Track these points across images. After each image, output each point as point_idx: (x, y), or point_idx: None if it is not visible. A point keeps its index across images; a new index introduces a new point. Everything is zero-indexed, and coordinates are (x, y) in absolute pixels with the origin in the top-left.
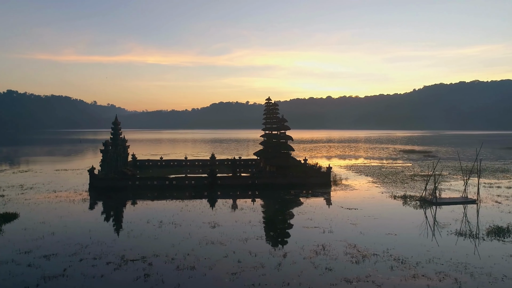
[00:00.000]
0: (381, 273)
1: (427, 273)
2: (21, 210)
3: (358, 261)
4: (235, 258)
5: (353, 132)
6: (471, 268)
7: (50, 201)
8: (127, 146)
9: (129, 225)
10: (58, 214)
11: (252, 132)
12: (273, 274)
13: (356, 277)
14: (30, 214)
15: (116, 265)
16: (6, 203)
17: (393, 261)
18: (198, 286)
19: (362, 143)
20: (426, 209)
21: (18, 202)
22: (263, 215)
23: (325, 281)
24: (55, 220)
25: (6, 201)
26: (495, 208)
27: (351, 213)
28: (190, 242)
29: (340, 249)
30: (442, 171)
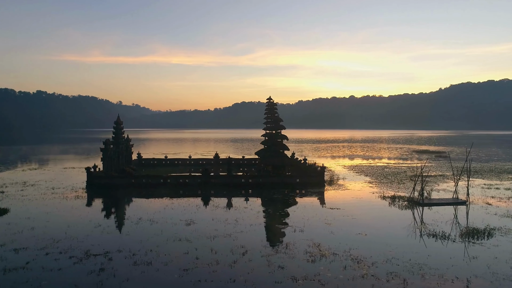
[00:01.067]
0: (331, 272)
1: (378, 273)
2: (14, 206)
3: (314, 260)
4: (194, 255)
5: (377, 132)
6: (425, 269)
7: (44, 198)
8: (130, 145)
9: (107, 221)
10: (46, 210)
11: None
12: (223, 271)
13: (304, 275)
14: (19, 210)
15: (77, 259)
16: (2, 199)
17: (349, 261)
18: (146, 280)
19: (378, 143)
20: (411, 209)
21: (14, 198)
22: (242, 214)
23: (272, 279)
24: (40, 216)
25: (4, 197)
26: (482, 209)
27: (331, 212)
28: (158, 239)
29: (302, 248)
30: (445, 171)
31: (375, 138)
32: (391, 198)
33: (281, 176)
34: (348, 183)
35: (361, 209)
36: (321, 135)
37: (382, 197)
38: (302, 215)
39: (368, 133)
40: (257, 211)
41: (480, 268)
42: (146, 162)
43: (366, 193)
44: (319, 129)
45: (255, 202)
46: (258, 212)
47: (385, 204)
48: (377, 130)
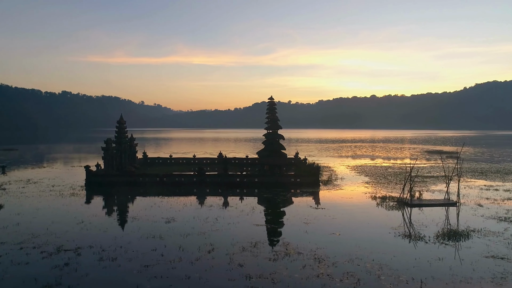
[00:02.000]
0: (288, 271)
1: (334, 273)
2: (9, 202)
3: (276, 259)
4: (161, 252)
5: (399, 132)
6: (385, 270)
7: (41, 195)
8: (135, 144)
9: (91, 218)
10: (38, 206)
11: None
12: (182, 268)
13: (259, 274)
14: (13, 206)
15: (47, 254)
16: (1, 196)
17: (311, 260)
18: (104, 275)
19: (392, 144)
20: (398, 210)
21: (12, 195)
22: (224, 212)
23: (226, 277)
24: (30, 212)
25: (3, 194)
26: (471, 211)
27: (314, 212)
28: (133, 236)
29: (270, 247)
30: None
31: (395, 138)
32: (381, 198)
33: (276, 175)
34: (344, 183)
35: (345, 209)
36: (340, 135)
37: (373, 197)
38: (284, 214)
39: (389, 133)
40: (240, 210)
41: (441, 270)
42: (151, 161)
43: (358, 193)
44: (340, 129)
45: (244, 201)
46: (242, 211)
47: (373, 204)
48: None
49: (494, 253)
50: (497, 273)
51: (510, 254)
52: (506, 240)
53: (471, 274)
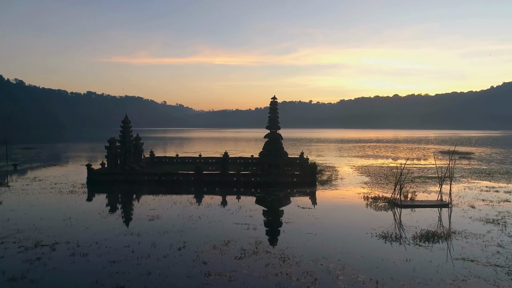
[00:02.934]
0: (249, 270)
1: (294, 272)
2: (8, 199)
3: (241, 258)
4: (133, 249)
5: (421, 132)
6: (347, 270)
7: (41, 192)
8: (141, 143)
9: (78, 215)
10: (33, 203)
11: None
12: (148, 264)
13: (220, 272)
14: (11, 203)
15: (24, 249)
16: (3, 192)
17: (276, 259)
18: (70, 270)
19: (409, 144)
20: (386, 211)
21: (14, 192)
22: (210, 211)
23: (185, 274)
24: (23, 208)
25: (5, 191)
26: (461, 212)
27: (299, 212)
28: (113, 232)
29: (240, 245)
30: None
31: (416, 138)
32: (373, 199)
33: (273, 175)
34: (342, 183)
35: (332, 210)
36: (359, 135)
37: (365, 198)
38: (268, 214)
39: (412, 133)
40: (227, 209)
41: (404, 271)
42: (158, 160)
43: (352, 193)
44: (361, 129)
45: (235, 200)
46: (227, 210)
47: (363, 205)
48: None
49: (466, 255)
50: (460, 275)
51: (482, 257)
52: (484, 243)
53: (432, 275)
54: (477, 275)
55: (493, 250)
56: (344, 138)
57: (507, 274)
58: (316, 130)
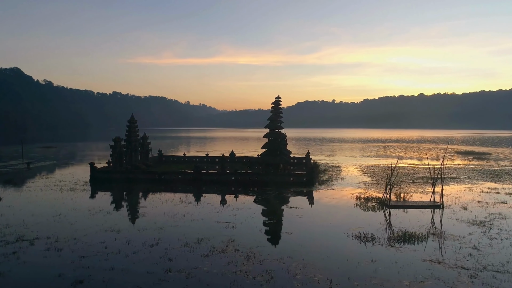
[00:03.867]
0: (210, 267)
1: (253, 270)
2: (9, 195)
3: (209, 255)
4: (107, 245)
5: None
6: (308, 269)
7: (42, 189)
8: (148, 142)
9: (69, 211)
10: (32, 200)
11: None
12: (115, 260)
13: (182, 268)
14: (11, 199)
15: (4, 243)
16: (8, 189)
17: (242, 258)
18: (40, 264)
19: (427, 143)
20: (374, 211)
21: (17, 189)
22: (197, 209)
23: (148, 270)
24: (20, 204)
25: (11, 187)
26: (450, 214)
27: (285, 211)
28: (95, 228)
29: (212, 243)
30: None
31: (438, 138)
32: (365, 199)
33: (270, 174)
34: (341, 183)
35: (319, 209)
36: (381, 134)
37: (358, 198)
38: (253, 213)
39: (437, 133)
40: (213, 208)
41: (365, 271)
42: (166, 159)
43: (346, 193)
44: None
45: (225, 199)
46: (214, 209)
47: (353, 205)
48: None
49: (435, 257)
50: (420, 277)
51: (451, 259)
52: (460, 245)
53: (392, 276)
54: (438, 277)
55: (466, 252)
56: (363, 138)
57: (470, 277)
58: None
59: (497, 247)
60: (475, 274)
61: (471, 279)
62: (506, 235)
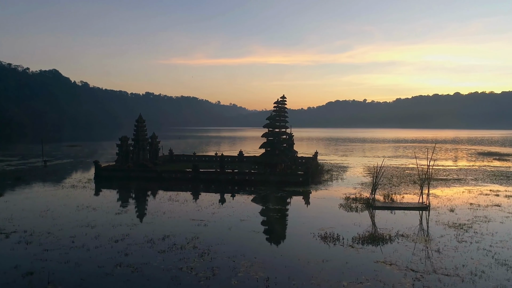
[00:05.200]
0: (160, 263)
1: (200, 266)
2: (12, 192)
3: (165, 251)
4: (74, 240)
5: (484, 132)
6: (254, 267)
7: (44, 186)
8: (157, 142)
9: (59, 207)
10: (30, 196)
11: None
12: (74, 254)
13: (132, 263)
14: (11, 195)
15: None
16: (14, 186)
17: (196, 255)
18: (5, 255)
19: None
20: (357, 212)
21: (21, 185)
22: (180, 207)
23: (99, 263)
24: (16, 199)
25: (16, 184)
26: (434, 215)
27: (264, 210)
28: (72, 224)
29: (174, 240)
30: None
31: (472, 138)
32: (353, 200)
33: (267, 174)
34: (339, 184)
35: (300, 209)
36: (413, 134)
37: (346, 198)
38: (233, 211)
39: (473, 133)
40: (197, 206)
41: (309, 271)
42: (176, 158)
43: (338, 194)
44: (417, 129)
45: (215, 197)
46: (198, 207)
47: (337, 205)
48: (486, 130)
49: (390, 259)
50: (362, 278)
51: (405, 261)
52: (423, 247)
53: (334, 277)
54: (380, 279)
55: (424, 255)
56: (389, 138)
57: (414, 279)
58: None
59: (462, 250)
60: (421, 276)
61: (414, 281)
62: (478, 238)
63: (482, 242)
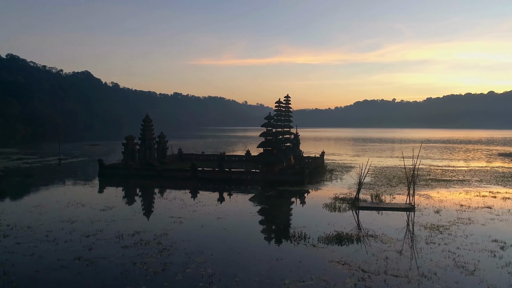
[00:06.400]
0: (117, 258)
1: (154, 262)
2: (14, 188)
3: (129, 246)
4: (48, 234)
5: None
6: (207, 263)
7: (49, 183)
8: (165, 141)
9: (51, 203)
10: (30, 192)
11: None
12: (42, 248)
13: (91, 257)
14: (12, 191)
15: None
16: (19, 182)
17: (155, 250)
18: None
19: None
20: (339, 212)
21: (28, 182)
22: (164, 205)
23: (59, 257)
24: (14, 196)
25: (21, 181)
26: (417, 217)
27: (245, 209)
28: (54, 220)
29: (141, 237)
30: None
31: (506, 139)
32: (341, 200)
33: (262, 173)
34: (335, 184)
35: (283, 209)
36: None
37: (334, 198)
38: (214, 209)
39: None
40: (181, 203)
41: (257, 269)
42: (186, 157)
43: (329, 193)
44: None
45: (205, 195)
46: (183, 204)
47: (321, 205)
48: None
49: (347, 259)
50: (307, 277)
51: (359, 262)
52: (386, 248)
53: (279, 275)
54: (324, 278)
55: (383, 256)
56: (415, 138)
57: (358, 279)
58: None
59: (425, 252)
60: (368, 277)
61: (358, 281)
62: (449, 240)
63: (451, 244)
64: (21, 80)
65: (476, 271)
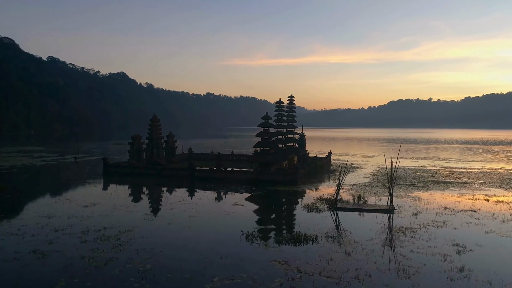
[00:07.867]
0: (76, 251)
1: (105, 257)
2: (21, 183)
3: (88, 241)
4: (22, 228)
5: None
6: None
7: (54, 180)
8: (174, 140)
9: (45, 199)
10: (32, 187)
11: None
12: (9, 240)
13: (48, 252)
14: (15, 186)
15: None
16: (28, 178)
17: (113, 246)
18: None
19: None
20: (316, 213)
21: (36, 178)
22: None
23: (16, 250)
24: (15, 191)
25: (32, 177)
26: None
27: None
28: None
29: (106, 232)
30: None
31: None
32: (325, 200)
33: (257, 172)
34: (327, 184)
35: (260, 208)
36: (484, 135)
37: (318, 199)
38: (192, 207)
39: None
40: (165, 201)
41: (196, 266)
42: (196, 156)
43: (316, 194)
44: (487, 129)
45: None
46: (166, 202)
47: (301, 206)
48: None
49: (288, 259)
50: (238, 275)
51: (299, 262)
52: (348, 250)
53: (214, 273)
54: (254, 277)
55: (329, 257)
56: (447, 139)
57: (289, 279)
58: (431, 130)
59: (376, 254)
60: (299, 277)
61: (287, 280)
62: (408, 243)
63: (407, 247)
64: (60, 82)
65: (414, 275)
